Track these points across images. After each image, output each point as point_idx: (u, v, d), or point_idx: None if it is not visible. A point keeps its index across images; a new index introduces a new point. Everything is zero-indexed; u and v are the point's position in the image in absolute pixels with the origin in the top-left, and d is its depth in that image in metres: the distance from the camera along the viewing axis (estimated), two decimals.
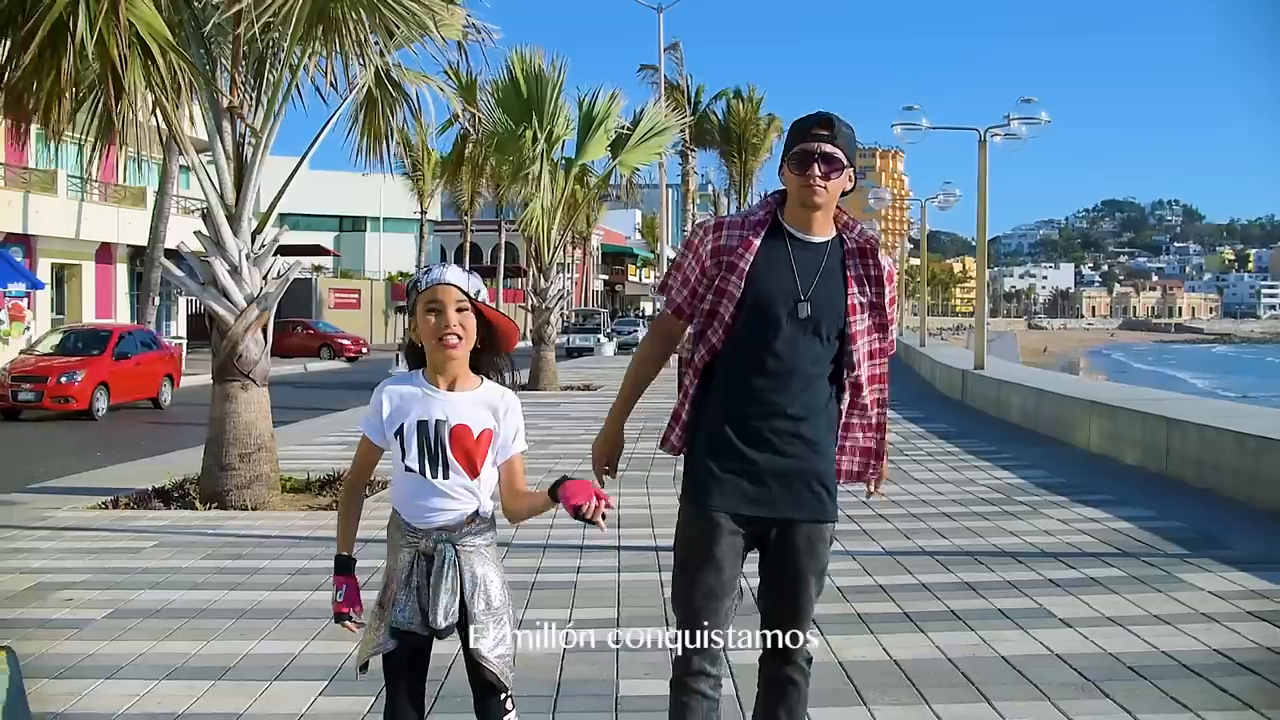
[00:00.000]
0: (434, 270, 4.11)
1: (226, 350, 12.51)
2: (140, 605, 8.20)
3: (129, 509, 12.25)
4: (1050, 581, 8.69)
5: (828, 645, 7.03)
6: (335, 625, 4.34)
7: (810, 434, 4.36)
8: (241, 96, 12.56)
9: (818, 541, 4.41)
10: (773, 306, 4.35)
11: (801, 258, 4.39)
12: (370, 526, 4.56)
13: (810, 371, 4.36)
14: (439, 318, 4.03)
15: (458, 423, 4.08)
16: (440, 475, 4.07)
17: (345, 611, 4.27)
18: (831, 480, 4.43)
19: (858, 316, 4.41)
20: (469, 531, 4.11)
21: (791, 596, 4.45)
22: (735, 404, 4.39)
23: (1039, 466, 14.91)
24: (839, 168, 4.35)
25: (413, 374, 4.18)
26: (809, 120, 4.42)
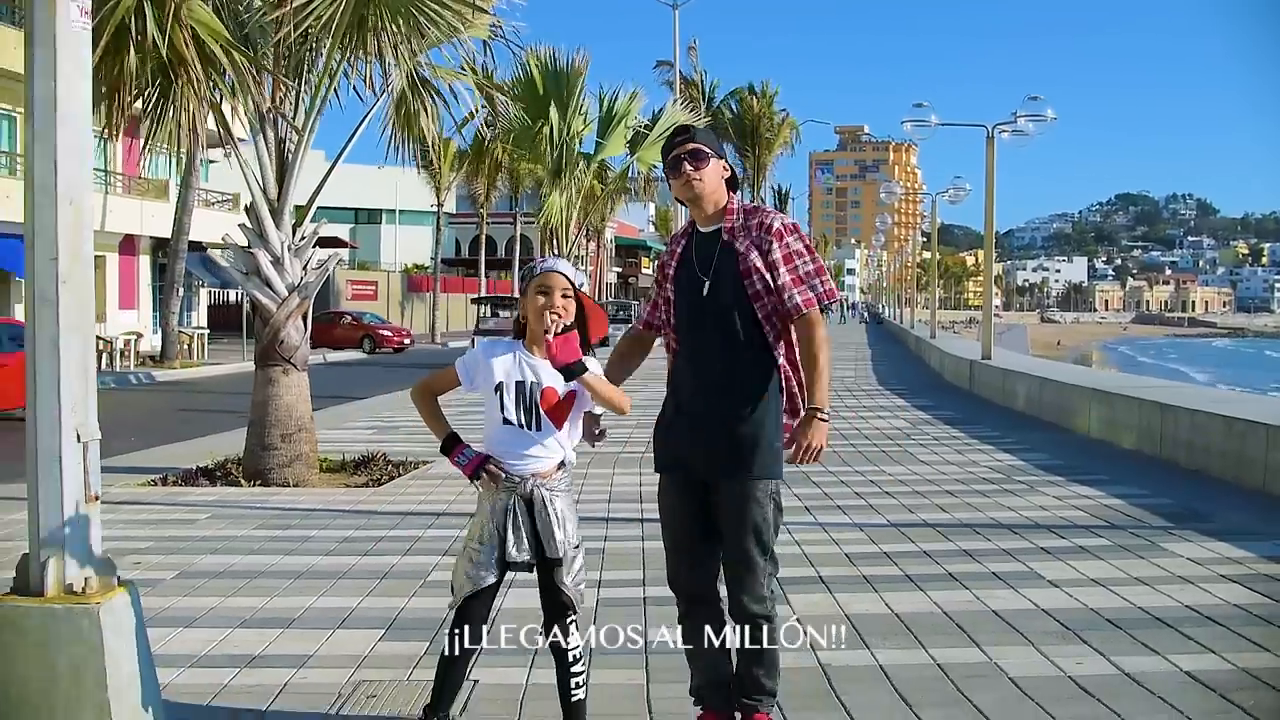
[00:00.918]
0: (547, 260, 4.94)
1: (269, 336, 13.24)
2: (203, 568, 8.93)
3: (177, 485, 12.99)
4: (1042, 549, 9.38)
5: (835, 601, 7.76)
6: (390, 581, 5.07)
7: (733, 401, 5.03)
8: (283, 96, 13.29)
9: (743, 500, 5.04)
10: (685, 294, 5.17)
11: (702, 245, 5.17)
12: (405, 502, 5.27)
13: (728, 344, 5.05)
14: (547, 298, 4.85)
15: (548, 385, 4.89)
16: (534, 428, 4.90)
17: (479, 463, 4.94)
18: (756, 442, 5.02)
19: (752, 280, 5.04)
20: (556, 478, 4.95)
21: (729, 550, 5.14)
22: (675, 381, 5.22)
23: (1040, 450, 15.59)
24: (705, 158, 5.14)
25: (515, 342, 5.01)
26: (671, 135, 5.27)
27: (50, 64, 4.60)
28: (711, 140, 5.25)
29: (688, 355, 5.16)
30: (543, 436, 4.91)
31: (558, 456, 4.96)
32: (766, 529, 5.09)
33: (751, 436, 5.03)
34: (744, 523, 5.07)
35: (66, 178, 4.65)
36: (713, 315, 5.07)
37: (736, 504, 5.06)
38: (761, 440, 5.04)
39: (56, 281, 4.64)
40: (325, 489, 12.92)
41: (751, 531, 5.07)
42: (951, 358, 31.46)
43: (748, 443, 5.02)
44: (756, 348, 5.07)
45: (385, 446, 15.55)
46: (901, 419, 20.47)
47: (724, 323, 5.05)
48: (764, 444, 5.05)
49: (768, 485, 5.08)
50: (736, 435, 5.02)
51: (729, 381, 5.05)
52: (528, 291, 4.92)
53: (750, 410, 5.03)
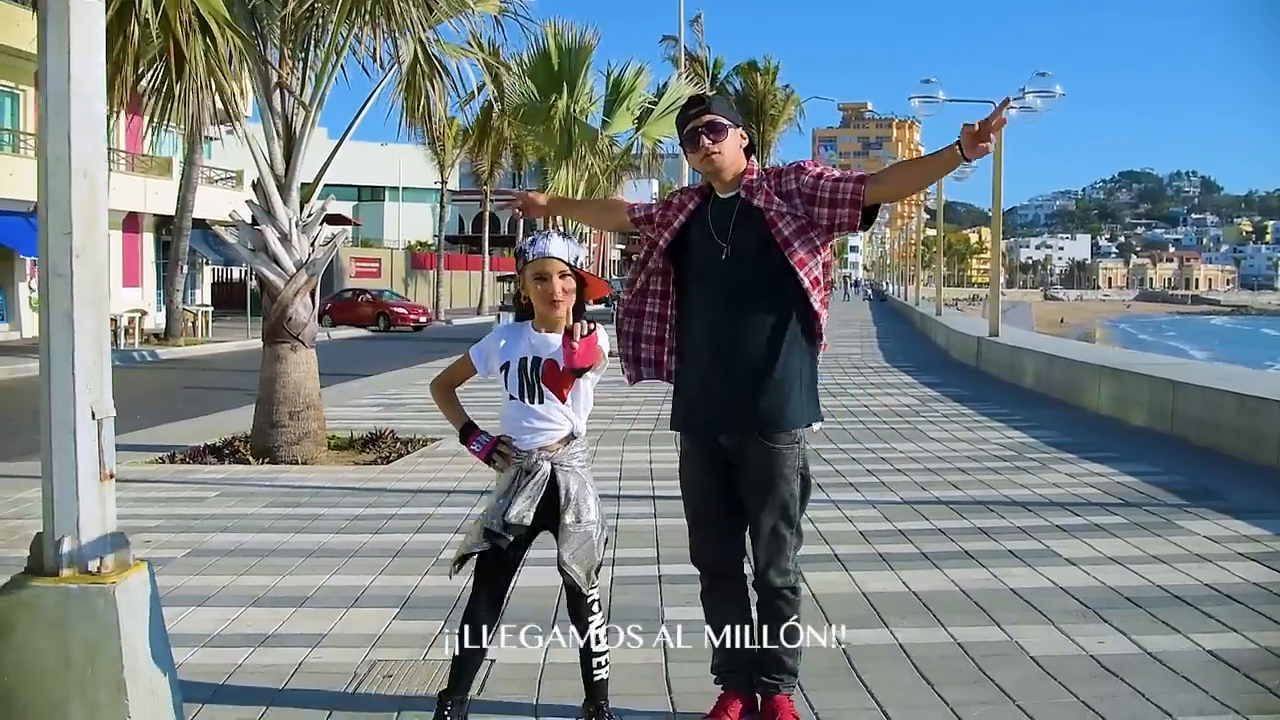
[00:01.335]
0: (539, 242, 4.84)
1: (277, 313, 13.18)
2: (215, 546, 8.88)
3: (185, 463, 12.95)
4: (1057, 527, 9.32)
5: (851, 579, 7.71)
6: (402, 560, 5.01)
7: (762, 359, 4.94)
8: (289, 71, 13.20)
9: (770, 474, 4.97)
10: (702, 258, 5.09)
11: (720, 211, 5.09)
12: (415, 479, 5.21)
13: (752, 304, 4.95)
14: (545, 284, 4.81)
15: (548, 358, 4.81)
16: (536, 401, 4.83)
17: (492, 446, 4.90)
18: (787, 394, 4.95)
19: (780, 227, 4.92)
20: (566, 452, 4.85)
21: (755, 525, 5.07)
22: (694, 346, 5.12)
23: (1050, 427, 15.53)
24: (723, 129, 5.04)
25: (525, 324, 4.94)
26: (685, 107, 5.17)
27: (64, 36, 4.52)
28: (728, 109, 5.16)
29: (707, 320, 5.05)
30: (546, 409, 4.84)
31: (563, 429, 4.87)
32: (794, 504, 5.03)
33: (781, 389, 4.96)
34: (771, 497, 5.01)
35: (81, 152, 4.57)
36: (736, 277, 4.99)
37: (763, 478, 4.99)
38: (794, 390, 4.99)
39: (71, 255, 4.56)
40: (334, 466, 12.87)
41: (779, 507, 5.01)
42: (958, 335, 31.38)
43: (779, 395, 4.95)
44: (786, 302, 4.97)
45: (393, 424, 15.50)
46: (910, 396, 20.40)
47: (748, 282, 4.97)
48: (798, 393, 5.01)
49: (795, 458, 5.02)
50: (766, 390, 4.94)
51: (755, 342, 4.96)
52: (525, 275, 4.88)
53: (780, 364, 4.96)
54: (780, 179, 5.06)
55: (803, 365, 5.05)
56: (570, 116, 26.66)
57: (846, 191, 4.92)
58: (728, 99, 5.61)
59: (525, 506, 4.78)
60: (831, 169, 5.09)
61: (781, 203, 4.97)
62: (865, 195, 4.91)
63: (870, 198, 4.92)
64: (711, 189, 5.19)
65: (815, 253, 5.00)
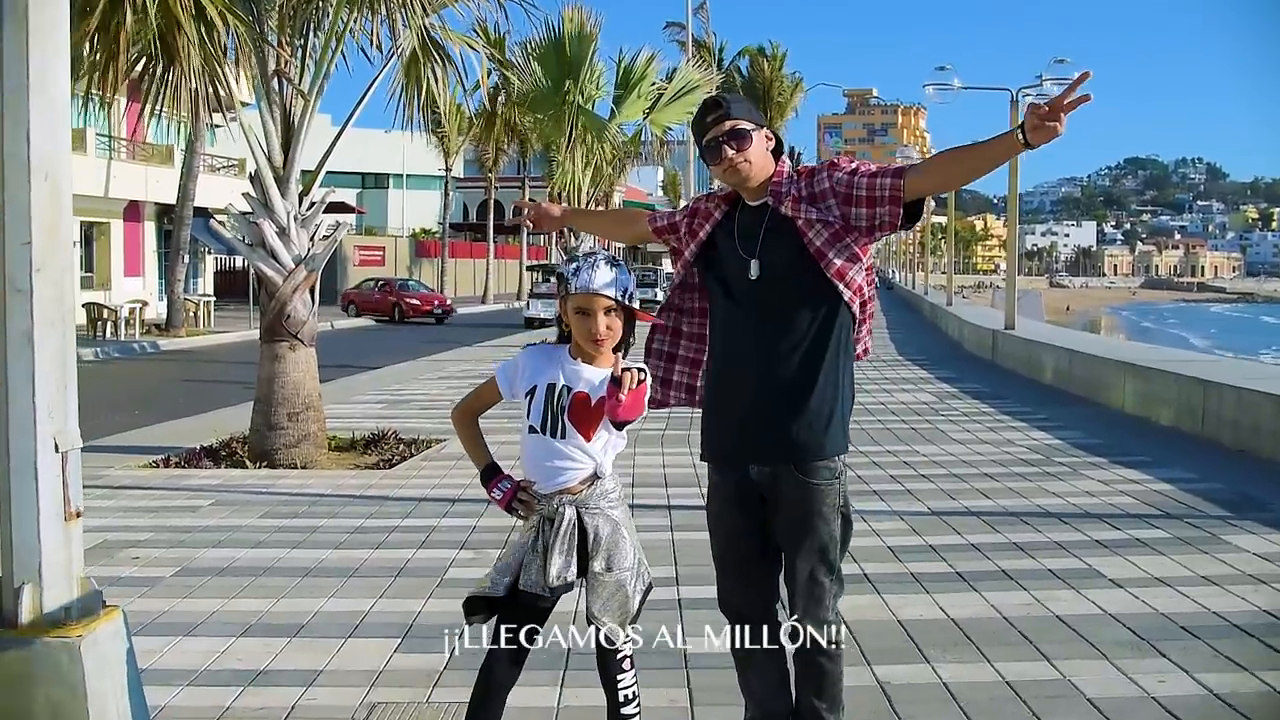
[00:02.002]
0: (583, 273, 4.25)
1: (274, 311, 12.67)
2: (206, 563, 8.38)
3: (180, 468, 12.45)
4: (1096, 542, 8.82)
5: (885, 604, 7.20)
6: (404, 580, 4.49)
7: (796, 383, 4.41)
8: (288, 59, 12.68)
9: (807, 514, 4.43)
10: (730, 277, 4.55)
11: (747, 222, 4.54)
12: (418, 486, 4.68)
13: (786, 325, 4.43)
14: (588, 321, 4.25)
15: (579, 390, 4.27)
16: (557, 435, 4.27)
17: (512, 494, 4.34)
18: (825, 419, 4.42)
19: (811, 236, 4.39)
20: (591, 494, 4.29)
21: (790, 570, 4.52)
22: (722, 372, 4.60)
23: (1075, 427, 15.02)
24: (747, 136, 4.46)
25: (560, 347, 4.40)
26: (701, 112, 4.57)
27: (21, 27, 4.02)
28: (749, 111, 4.57)
29: (737, 341, 4.52)
30: (566, 446, 4.28)
31: (584, 468, 4.30)
32: (834, 547, 4.51)
33: (819, 415, 4.43)
34: (808, 540, 4.47)
35: (40, 149, 4.06)
36: (768, 295, 4.45)
37: (799, 517, 4.47)
38: (834, 417, 4.46)
39: (30, 269, 4.07)
40: (334, 470, 12.37)
41: (817, 550, 4.48)
42: (972, 327, 30.86)
43: (817, 422, 4.42)
44: (824, 319, 4.44)
45: (396, 422, 15.04)
46: (926, 392, 19.89)
47: (781, 300, 4.44)
48: (837, 419, 4.48)
49: (835, 495, 4.49)
50: (802, 417, 4.41)
51: (789, 364, 4.43)
52: (566, 305, 4.34)
53: (818, 389, 4.43)
54: (812, 180, 4.51)
55: (841, 387, 4.52)
56: (576, 105, 26.14)
57: (885, 187, 4.36)
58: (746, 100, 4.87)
59: (563, 563, 4.23)
60: (868, 164, 4.54)
61: (811, 209, 4.42)
62: (905, 189, 4.35)
63: (911, 192, 4.36)
64: (739, 196, 4.66)
65: (854, 259, 4.45)
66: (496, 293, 72.44)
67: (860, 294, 4.52)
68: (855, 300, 4.49)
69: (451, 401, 18.86)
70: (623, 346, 4.38)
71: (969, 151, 4.34)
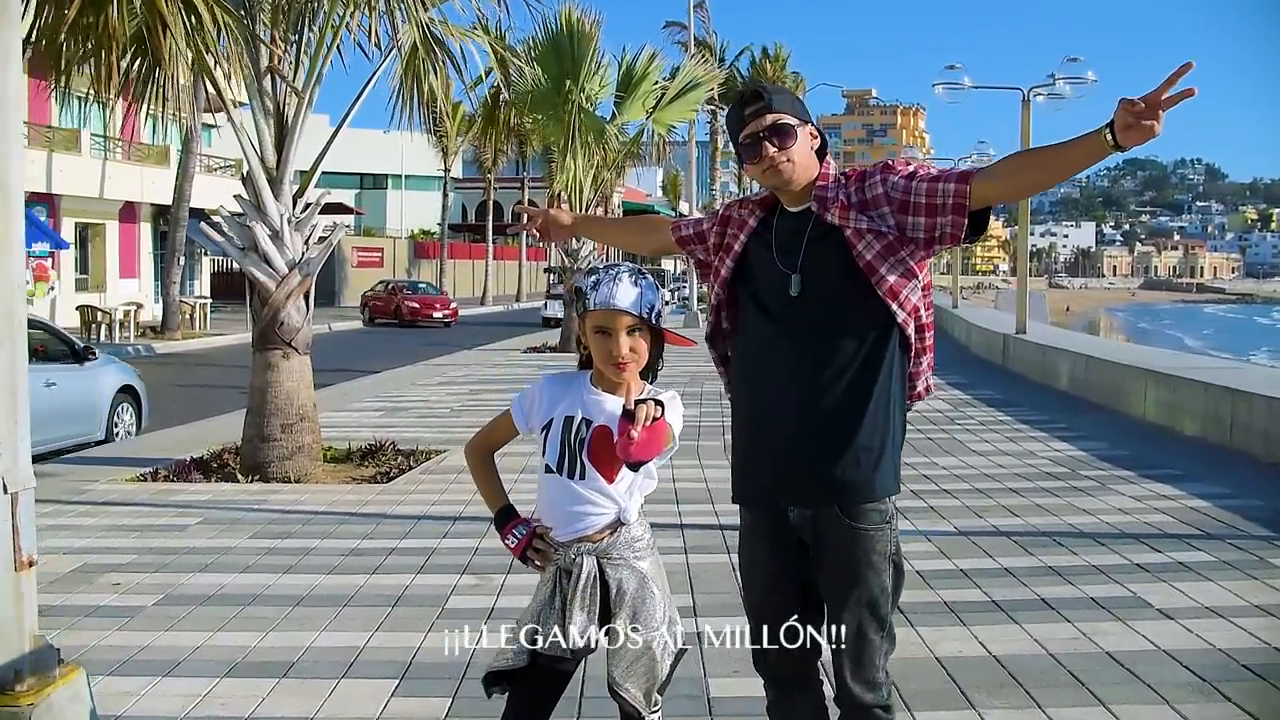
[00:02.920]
0: (603, 286, 3.71)
1: (268, 318, 12.15)
2: (190, 590, 7.86)
3: (169, 481, 11.93)
4: (1137, 566, 8.30)
5: (920, 638, 6.68)
6: (402, 610, 3.97)
7: (839, 414, 3.88)
8: (281, 55, 12.17)
9: (854, 563, 3.90)
10: (767, 293, 4.03)
11: (787, 231, 4.02)
12: (417, 502, 4.17)
13: (830, 349, 3.90)
14: (608, 341, 3.72)
15: (600, 423, 3.72)
16: (575, 476, 3.75)
17: (527, 542, 3.84)
18: (875, 458, 3.89)
19: (861, 247, 3.86)
20: (614, 543, 3.77)
21: (836, 625, 3.98)
22: (756, 397, 4.05)
23: (1097, 437, 14.50)
24: (791, 132, 3.93)
25: (581, 375, 3.89)
26: (737, 103, 4.02)
27: None
28: (793, 103, 4.02)
29: (774, 367, 3.97)
30: (585, 488, 3.75)
31: (606, 513, 3.76)
32: (885, 600, 3.97)
33: (869, 452, 3.89)
34: (855, 591, 3.93)
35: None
36: (810, 315, 3.91)
37: (845, 566, 3.95)
38: (885, 453, 3.93)
39: None
40: (329, 484, 11.84)
41: (866, 604, 3.94)
42: (980, 330, 30.32)
43: (866, 459, 3.89)
44: (875, 342, 3.90)
45: (394, 432, 14.55)
46: (939, 399, 19.32)
47: (826, 321, 3.90)
48: (889, 456, 3.95)
49: (886, 542, 3.97)
50: (848, 453, 3.88)
51: (834, 393, 3.88)
52: (585, 324, 3.79)
53: (867, 421, 3.89)
54: (863, 184, 3.96)
55: (893, 420, 3.99)
56: (577, 105, 25.65)
57: (948, 194, 3.80)
58: (789, 92, 4.24)
59: (584, 621, 3.69)
60: (927, 166, 3.98)
61: (861, 217, 3.88)
62: (971, 197, 3.79)
63: (977, 199, 3.79)
64: (777, 200, 4.12)
65: (910, 276, 3.91)
66: (495, 294, 71.86)
67: (915, 316, 3.99)
68: (910, 323, 3.96)
69: (452, 409, 18.38)
70: (650, 373, 3.85)
71: (1047, 154, 3.76)
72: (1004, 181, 3.84)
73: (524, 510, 3.95)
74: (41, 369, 14.07)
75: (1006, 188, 3.88)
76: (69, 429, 14.89)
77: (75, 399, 15.05)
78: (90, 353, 15.60)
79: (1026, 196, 4.18)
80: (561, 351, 28.79)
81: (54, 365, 14.79)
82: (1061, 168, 3.72)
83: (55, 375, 14.59)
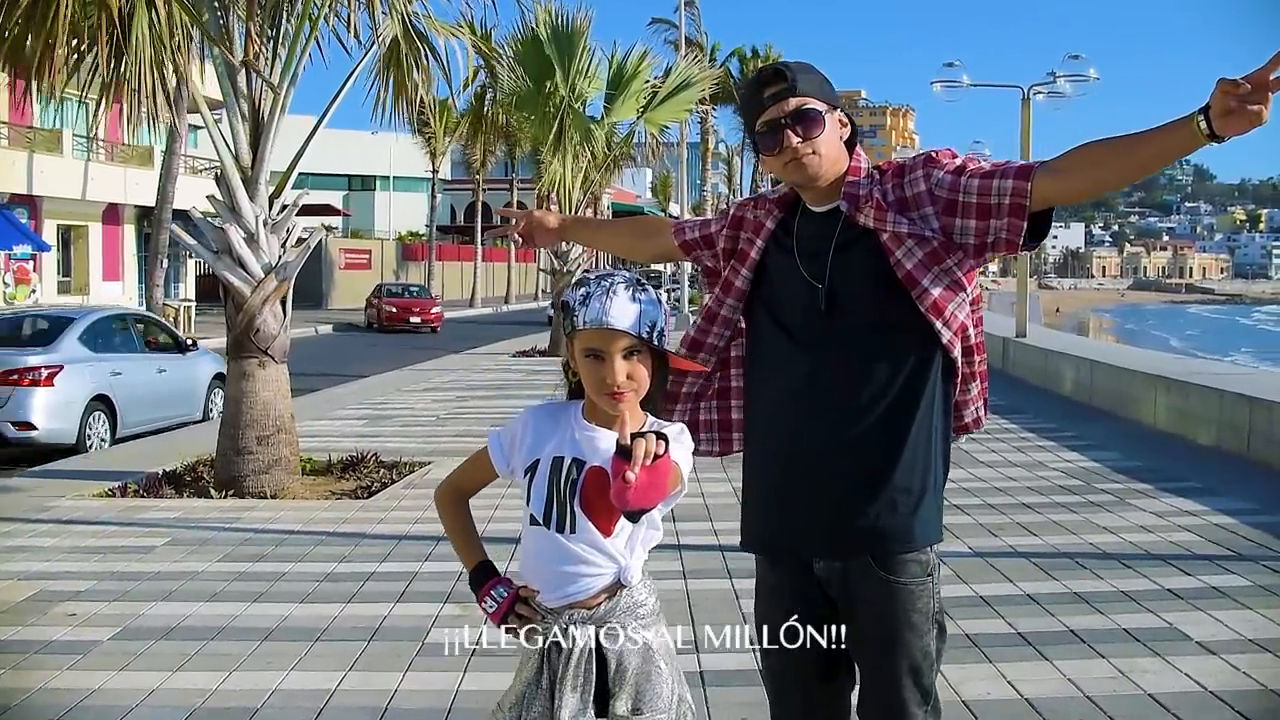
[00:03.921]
0: (594, 301, 3.05)
1: (243, 324, 11.55)
2: (151, 622, 7.26)
3: (138, 497, 11.32)
4: (1169, 592, 7.74)
5: (944, 678, 6.09)
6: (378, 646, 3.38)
7: (871, 447, 3.35)
8: (257, 50, 11.58)
9: (893, 622, 3.37)
10: (789, 308, 3.50)
11: (812, 235, 3.47)
12: (398, 520, 3.59)
13: (863, 370, 3.37)
14: (600, 367, 3.06)
15: (595, 465, 3.07)
16: (565, 530, 3.10)
17: (508, 607, 3.22)
18: (913, 501, 3.37)
19: (901, 253, 3.31)
20: (612, 610, 3.12)
21: (870, 696, 3.45)
22: (772, 427, 3.52)
23: (1107, 447, 13.94)
24: (818, 120, 3.34)
25: (570, 405, 3.25)
26: (755, 84, 3.42)
27: None
28: (820, 85, 3.39)
29: (795, 393, 3.42)
30: (578, 544, 3.09)
31: (604, 574, 3.11)
32: (928, 667, 3.41)
33: (908, 494, 3.35)
34: (894, 658, 3.38)
35: None
36: (839, 333, 3.36)
37: (881, 628, 3.38)
38: (927, 494, 3.39)
39: None
40: (307, 500, 11.23)
41: (907, 672, 3.38)
42: None
43: (904, 502, 3.35)
44: (916, 366, 3.36)
45: (377, 442, 13.99)
46: None
47: (857, 340, 3.35)
48: (930, 498, 3.40)
49: (929, 598, 3.41)
50: (884, 495, 3.34)
51: (866, 425, 3.34)
52: (573, 345, 3.14)
53: (905, 459, 3.35)
54: (903, 179, 3.38)
55: (935, 457, 3.45)
56: (565, 104, 25.07)
57: (1005, 191, 3.22)
58: (816, 71, 3.58)
59: (578, 705, 3.03)
60: (978, 159, 3.39)
61: (900, 219, 3.31)
62: (1032, 195, 3.21)
63: (1040, 198, 3.22)
64: (798, 198, 3.54)
65: (957, 288, 3.35)
66: (484, 296, 71.23)
67: (963, 336, 3.43)
68: (956, 344, 3.40)
69: (437, 417, 17.80)
70: (653, 404, 3.22)
71: (1127, 145, 3.13)
72: (1073, 178, 3.24)
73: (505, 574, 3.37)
74: (154, 358, 17.31)
75: (1075, 185, 3.27)
76: (175, 410, 17.43)
77: (181, 384, 17.69)
78: (192, 344, 18.54)
79: (1097, 195, 3.55)
80: (552, 355, 28.20)
81: (164, 355, 17.62)
82: (1144, 161, 3.10)
83: (165, 364, 17.37)
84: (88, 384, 15.40)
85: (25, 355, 15.24)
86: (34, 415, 14.70)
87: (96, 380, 15.51)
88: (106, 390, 15.39)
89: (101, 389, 15.49)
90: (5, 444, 14.73)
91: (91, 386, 15.44)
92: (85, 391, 15.34)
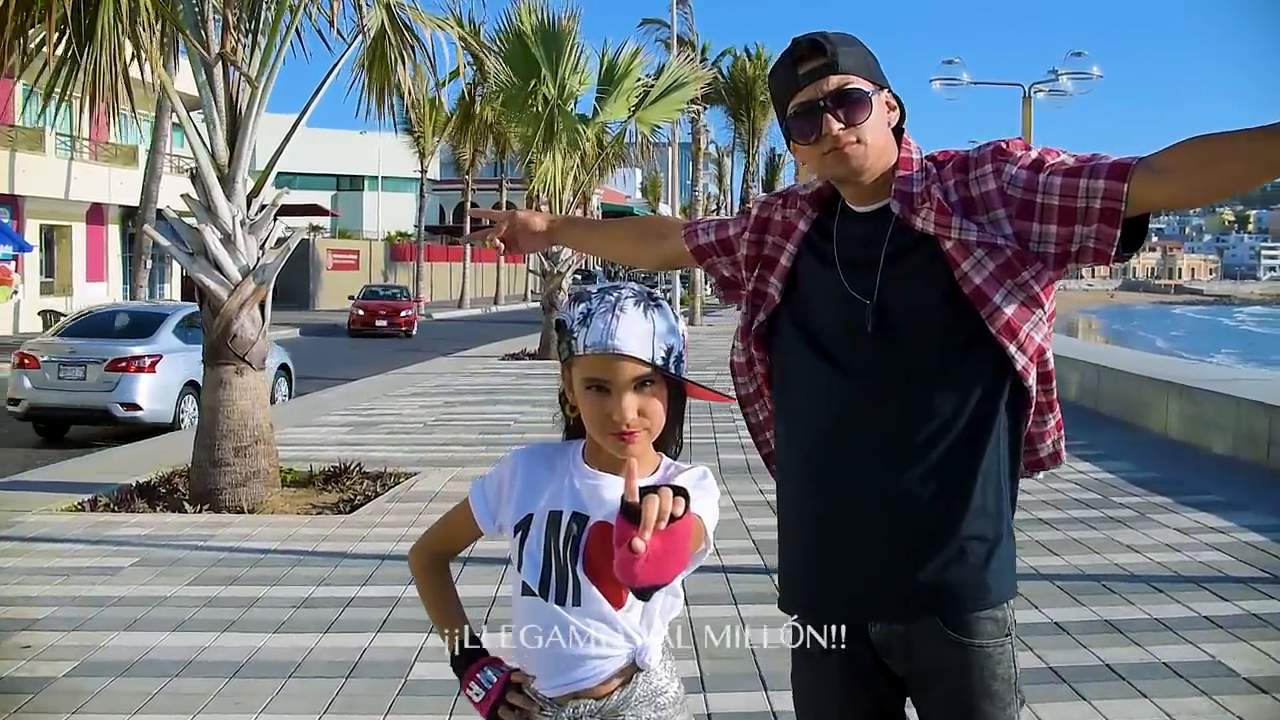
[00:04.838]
0: (596, 319, 2.48)
1: (219, 330, 10.99)
2: (112, 655, 6.70)
3: (109, 511, 10.74)
4: (1206, 620, 7.22)
5: None
6: (356, 683, 2.87)
7: (922, 493, 2.80)
8: (235, 42, 11.02)
9: (967, 691, 2.82)
10: (829, 325, 2.93)
11: (854, 239, 2.91)
12: (382, 537, 3.07)
13: (923, 401, 2.81)
14: (606, 401, 2.48)
15: (600, 519, 2.49)
16: (567, 601, 2.53)
17: (498, 695, 2.66)
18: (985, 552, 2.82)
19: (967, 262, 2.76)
20: (627, 699, 2.56)
21: None
22: (818, 471, 2.92)
23: (1120, 456, 13.41)
24: (864, 102, 2.78)
25: (569, 445, 2.67)
26: (788, 58, 2.85)
27: None
28: (866, 62, 2.84)
29: (840, 427, 2.85)
30: (583, 619, 2.53)
31: (616, 655, 2.55)
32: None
33: (978, 544, 2.82)
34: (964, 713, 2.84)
35: None
36: (890, 358, 2.81)
37: (955, 700, 2.83)
38: (999, 544, 2.85)
39: None
40: (285, 514, 10.67)
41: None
42: None
43: (975, 553, 2.81)
44: (983, 396, 2.80)
45: (361, 451, 13.48)
46: None
47: (913, 365, 2.80)
48: (1004, 547, 2.86)
49: (1008, 663, 2.86)
50: (949, 546, 2.79)
51: (926, 465, 2.79)
52: (569, 371, 2.59)
53: (973, 504, 2.80)
54: (967, 175, 2.81)
55: (1006, 499, 2.89)
56: (553, 103, 24.53)
57: (1095, 193, 2.64)
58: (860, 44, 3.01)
59: None
60: (1057, 151, 2.78)
61: (968, 223, 2.75)
62: (1130, 198, 2.63)
63: (1138, 201, 2.63)
64: (836, 195, 2.98)
65: (1033, 304, 2.80)
66: (474, 297, 70.62)
67: (1040, 361, 2.87)
68: (1031, 370, 2.85)
69: (424, 423, 17.21)
70: (672, 444, 2.65)
71: (1247, 143, 2.53)
72: (1180, 180, 2.64)
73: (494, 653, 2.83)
74: None
75: (1183, 188, 2.68)
76: None
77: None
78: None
79: (1206, 202, 2.91)
80: (542, 359, 27.59)
81: None
82: (1271, 162, 2.49)
83: None
84: (181, 371, 17.51)
85: (131, 346, 17.46)
86: (140, 398, 17.18)
87: (189, 368, 16.89)
88: (196, 377, 15.95)
89: (192, 375, 16.53)
90: (115, 422, 17.22)
91: (185, 373, 17.40)
92: (180, 377, 17.56)
